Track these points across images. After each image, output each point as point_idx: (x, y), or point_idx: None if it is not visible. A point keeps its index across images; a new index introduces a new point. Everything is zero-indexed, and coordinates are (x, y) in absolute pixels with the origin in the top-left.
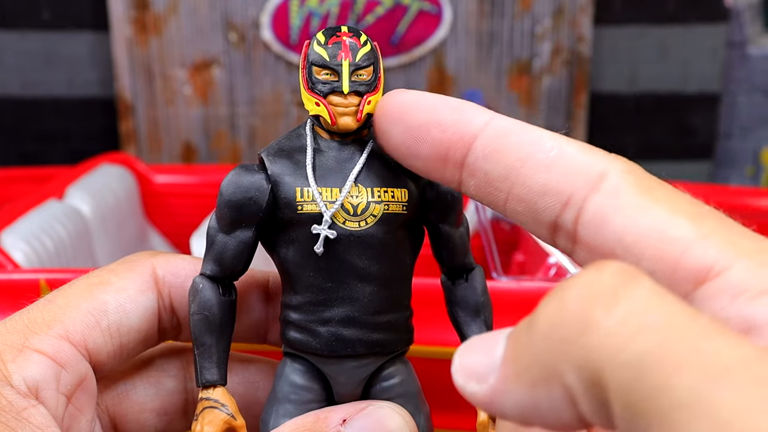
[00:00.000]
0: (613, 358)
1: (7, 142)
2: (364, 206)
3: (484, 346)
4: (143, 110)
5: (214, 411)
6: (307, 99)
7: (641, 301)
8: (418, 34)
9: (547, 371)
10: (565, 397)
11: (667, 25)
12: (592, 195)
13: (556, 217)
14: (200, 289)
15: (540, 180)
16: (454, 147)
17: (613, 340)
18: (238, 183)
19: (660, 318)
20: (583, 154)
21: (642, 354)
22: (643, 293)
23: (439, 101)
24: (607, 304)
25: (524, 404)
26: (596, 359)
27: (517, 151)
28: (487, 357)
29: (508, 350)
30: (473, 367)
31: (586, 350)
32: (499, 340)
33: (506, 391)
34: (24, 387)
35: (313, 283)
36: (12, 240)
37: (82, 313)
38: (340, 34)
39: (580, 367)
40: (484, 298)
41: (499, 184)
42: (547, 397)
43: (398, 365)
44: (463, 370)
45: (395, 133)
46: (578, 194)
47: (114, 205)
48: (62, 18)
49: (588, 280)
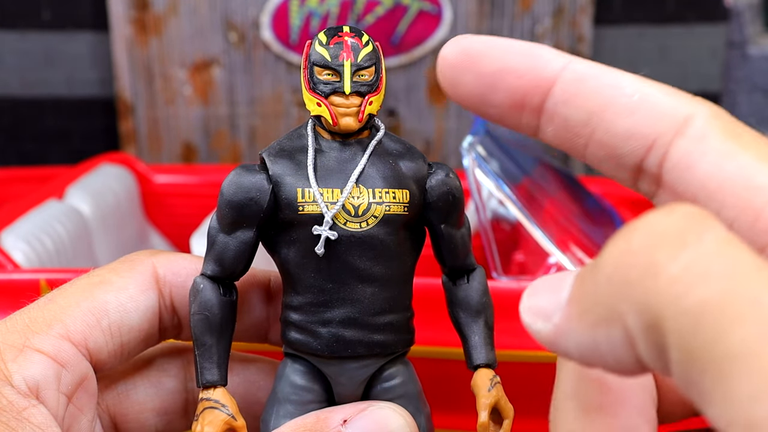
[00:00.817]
0: (673, 304)
1: (7, 142)
2: (366, 207)
3: (552, 285)
4: (143, 110)
5: (215, 411)
6: (309, 99)
7: (709, 247)
8: (418, 34)
9: (609, 312)
10: (625, 339)
11: (667, 25)
12: (678, 139)
13: (639, 161)
14: (201, 289)
15: (624, 124)
16: (532, 93)
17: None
18: (239, 183)
19: (725, 267)
20: (668, 97)
21: (703, 302)
22: (712, 239)
23: (511, 45)
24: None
25: (585, 344)
26: (657, 304)
27: (599, 95)
28: (554, 296)
29: (573, 290)
30: (540, 306)
31: (648, 294)
32: (567, 280)
33: (569, 330)
34: (24, 387)
35: (313, 283)
36: (12, 240)
37: (83, 312)
38: (342, 34)
39: (640, 310)
40: (486, 298)
41: (580, 129)
42: (607, 337)
43: (399, 366)
44: (530, 309)
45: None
46: (663, 138)
47: (114, 205)
48: (62, 18)
49: (656, 222)
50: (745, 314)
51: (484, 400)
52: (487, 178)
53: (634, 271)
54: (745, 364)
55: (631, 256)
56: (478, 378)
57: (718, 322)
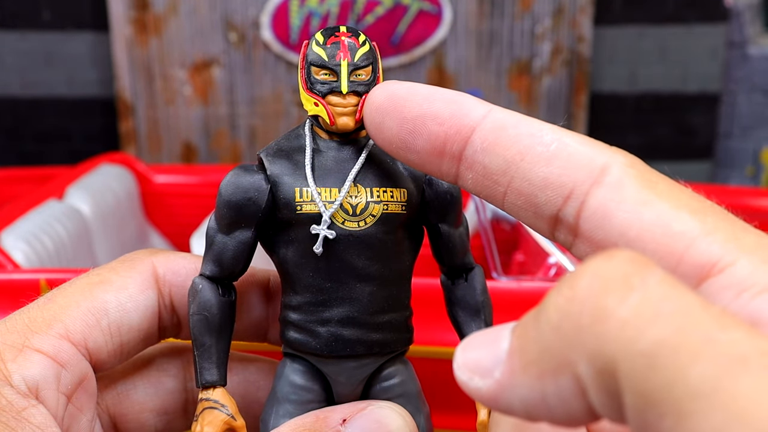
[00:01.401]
0: (627, 348)
1: (7, 142)
2: (363, 206)
3: (488, 340)
4: (143, 110)
5: (214, 411)
6: (306, 99)
7: (654, 289)
8: (418, 34)
9: (557, 361)
10: (575, 388)
11: (667, 25)
12: (595, 188)
13: (557, 210)
14: (200, 289)
15: (541, 173)
16: (452, 140)
17: (627, 329)
18: (237, 183)
19: (674, 307)
20: (585, 147)
21: (657, 343)
22: (656, 281)
23: (434, 92)
24: (620, 293)
25: (531, 397)
26: (610, 348)
27: (517, 143)
28: (492, 351)
29: (514, 343)
30: (477, 362)
31: (600, 339)
32: (503, 334)
33: (513, 385)
34: (24, 387)
35: (312, 283)
36: (12, 240)
37: (83, 312)
38: (339, 34)
39: (593, 356)
40: (484, 297)
41: (498, 177)
42: (555, 388)
43: (398, 365)
44: (466, 366)
45: (388, 125)
46: (580, 187)
47: (114, 205)
48: (62, 18)
49: (599, 269)
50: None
51: None
52: None
53: (582, 318)
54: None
55: (577, 303)
56: None
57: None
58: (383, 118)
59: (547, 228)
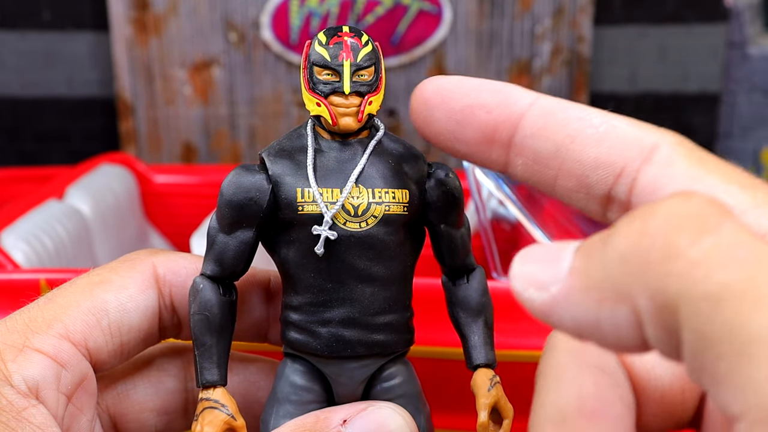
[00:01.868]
0: (693, 287)
1: (7, 142)
2: (365, 207)
3: (548, 256)
4: (143, 110)
5: (214, 411)
6: (308, 99)
7: (728, 235)
8: (418, 34)
9: (619, 291)
10: (632, 320)
11: (667, 25)
12: (645, 166)
13: (608, 189)
14: (201, 289)
15: (592, 154)
16: (501, 127)
17: (695, 269)
18: (238, 183)
19: (746, 255)
20: (634, 128)
21: (724, 286)
22: (731, 228)
23: (481, 83)
24: (694, 234)
25: (585, 319)
26: (675, 287)
27: (566, 127)
28: (551, 267)
29: (576, 263)
30: (534, 275)
31: (666, 277)
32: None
33: (568, 303)
34: (24, 387)
35: (313, 283)
36: (12, 240)
37: (83, 312)
38: (342, 34)
39: (656, 292)
40: (485, 298)
41: (549, 161)
42: (611, 316)
43: (399, 366)
44: (522, 276)
45: (437, 117)
46: (631, 165)
47: (114, 205)
48: (62, 18)
49: (675, 207)
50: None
51: (484, 399)
52: (487, 178)
53: (651, 254)
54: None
55: (648, 238)
56: (477, 378)
57: (739, 306)
58: (431, 111)
59: (600, 208)
